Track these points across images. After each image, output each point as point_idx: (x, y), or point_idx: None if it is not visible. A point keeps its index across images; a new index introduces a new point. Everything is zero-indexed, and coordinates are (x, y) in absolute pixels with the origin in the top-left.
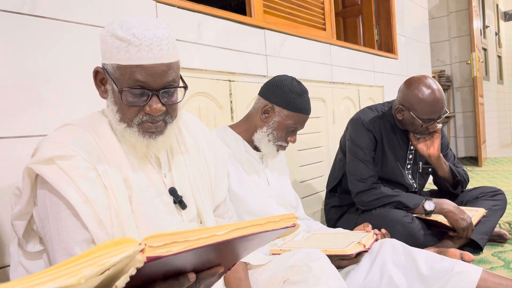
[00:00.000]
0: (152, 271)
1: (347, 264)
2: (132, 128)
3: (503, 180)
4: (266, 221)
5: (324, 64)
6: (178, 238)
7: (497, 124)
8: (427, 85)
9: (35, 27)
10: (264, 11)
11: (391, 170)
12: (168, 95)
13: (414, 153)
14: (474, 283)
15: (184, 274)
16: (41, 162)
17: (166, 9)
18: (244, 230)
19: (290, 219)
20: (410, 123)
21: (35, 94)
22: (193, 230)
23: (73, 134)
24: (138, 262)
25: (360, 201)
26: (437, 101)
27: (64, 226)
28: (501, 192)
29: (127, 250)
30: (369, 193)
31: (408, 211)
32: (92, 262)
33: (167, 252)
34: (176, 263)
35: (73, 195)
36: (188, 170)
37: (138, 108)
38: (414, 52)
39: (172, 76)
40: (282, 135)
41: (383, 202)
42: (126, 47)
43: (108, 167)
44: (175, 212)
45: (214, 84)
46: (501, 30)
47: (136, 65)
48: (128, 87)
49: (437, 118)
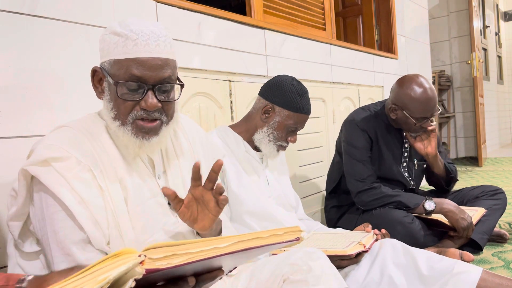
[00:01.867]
0: (151, 278)
1: (347, 264)
2: (126, 126)
3: (503, 180)
4: (269, 234)
5: (324, 64)
6: (178, 250)
7: (497, 124)
8: (419, 84)
9: (35, 27)
10: (264, 11)
11: (388, 169)
12: (164, 92)
13: (409, 151)
14: (474, 283)
15: (183, 278)
16: (36, 164)
17: (166, 9)
18: (246, 243)
19: (294, 233)
20: (404, 122)
21: (35, 94)
22: (195, 242)
23: (68, 136)
24: (137, 274)
25: (360, 201)
26: (429, 100)
27: (61, 227)
28: (502, 191)
29: (126, 263)
30: (369, 192)
31: (408, 211)
32: (92, 277)
33: (167, 264)
34: (176, 272)
35: (68, 197)
36: (182, 172)
37: (133, 103)
38: (414, 52)
39: (168, 72)
40: (283, 135)
41: (383, 202)
42: (124, 42)
43: (103, 168)
44: (169, 213)
45: (214, 84)
46: (501, 30)
47: (132, 59)
48: (125, 81)
49: (430, 116)
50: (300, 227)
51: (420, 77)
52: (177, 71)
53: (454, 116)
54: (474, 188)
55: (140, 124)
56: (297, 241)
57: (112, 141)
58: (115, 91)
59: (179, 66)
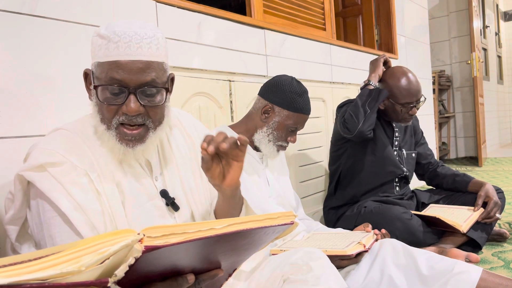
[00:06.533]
0: (150, 269)
1: (347, 264)
2: (111, 131)
3: (503, 180)
4: (264, 217)
5: (324, 64)
6: (176, 230)
7: (497, 124)
8: (401, 72)
9: (35, 27)
10: (264, 11)
11: (386, 156)
12: (148, 96)
13: (398, 141)
14: (474, 283)
15: (182, 275)
16: (32, 169)
17: (166, 9)
18: (242, 225)
19: (288, 217)
20: (392, 110)
21: (35, 94)
22: (192, 224)
23: (64, 139)
24: (136, 252)
25: (360, 132)
26: (411, 84)
27: (57, 232)
28: (501, 191)
29: (126, 239)
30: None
31: (361, 90)
32: (92, 250)
33: (165, 242)
34: (174, 260)
35: (64, 202)
36: (180, 171)
37: (116, 108)
38: (414, 52)
39: (152, 76)
40: (282, 135)
41: (356, 110)
42: (106, 44)
43: (100, 172)
44: (167, 215)
45: (214, 84)
46: (501, 30)
47: (113, 61)
48: (105, 84)
49: (414, 102)
50: (293, 212)
51: (403, 67)
52: (167, 73)
53: (454, 116)
54: None
55: (123, 131)
56: (292, 225)
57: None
58: (96, 95)
59: (179, 66)
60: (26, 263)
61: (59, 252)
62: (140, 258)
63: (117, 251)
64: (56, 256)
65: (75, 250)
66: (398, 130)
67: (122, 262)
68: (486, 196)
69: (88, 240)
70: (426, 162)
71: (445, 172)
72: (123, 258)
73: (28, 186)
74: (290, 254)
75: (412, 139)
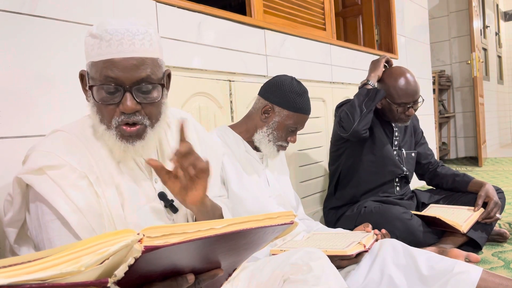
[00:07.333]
0: (150, 269)
1: (347, 264)
2: (111, 130)
3: (503, 180)
4: (264, 217)
5: (324, 64)
6: (176, 230)
7: (497, 124)
8: (399, 72)
9: (34, 27)
10: (264, 11)
11: (385, 155)
12: (144, 93)
13: (398, 140)
14: (474, 283)
15: (182, 275)
16: (31, 172)
17: (166, 9)
18: (242, 225)
19: (288, 216)
20: (389, 110)
21: (35, 94)
22: (192, 223)
23: (63, 141)
24: (136, 252)
25: (355, 131)
26: (408, 84)
27: (56, 235)
28: (501, 191)
29: (125, 239)
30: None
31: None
32: (92, 250)
33: (165, 242)
34: (174, 260)
35: (63, 206)
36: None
37: (114, 107)
38: (414, 52)
39: (147, 72)
40: (282, 135)
41: (353, 109)
42: (99, 43)
43: (100, 174)
44: (165, 217)
45: (214, 84)
46: (501, 30)
47: (106, 60)
48: (100, 84)
49: (411, 102)
50: (293, 212)
51: (402, 67)
52: (162, 69)
53: (454, 116)
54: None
55: (123, 129)
56: (291, 225)
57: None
58: (92, 96)
59: (179, 66)
60: (26, 264)
61: (59, 252)
62: (139, 258)
63: (117, 251)
64: (56, 257)
65: (74, 251)
66: (398, 130)
67: (122, 262)
68: (486, 196)
69: (88, 240)
70: (426, 162)
71: (445, 172)
72: (123, 258)
73: (27, 189)
74: (290, 254)
75: (412, 138)
